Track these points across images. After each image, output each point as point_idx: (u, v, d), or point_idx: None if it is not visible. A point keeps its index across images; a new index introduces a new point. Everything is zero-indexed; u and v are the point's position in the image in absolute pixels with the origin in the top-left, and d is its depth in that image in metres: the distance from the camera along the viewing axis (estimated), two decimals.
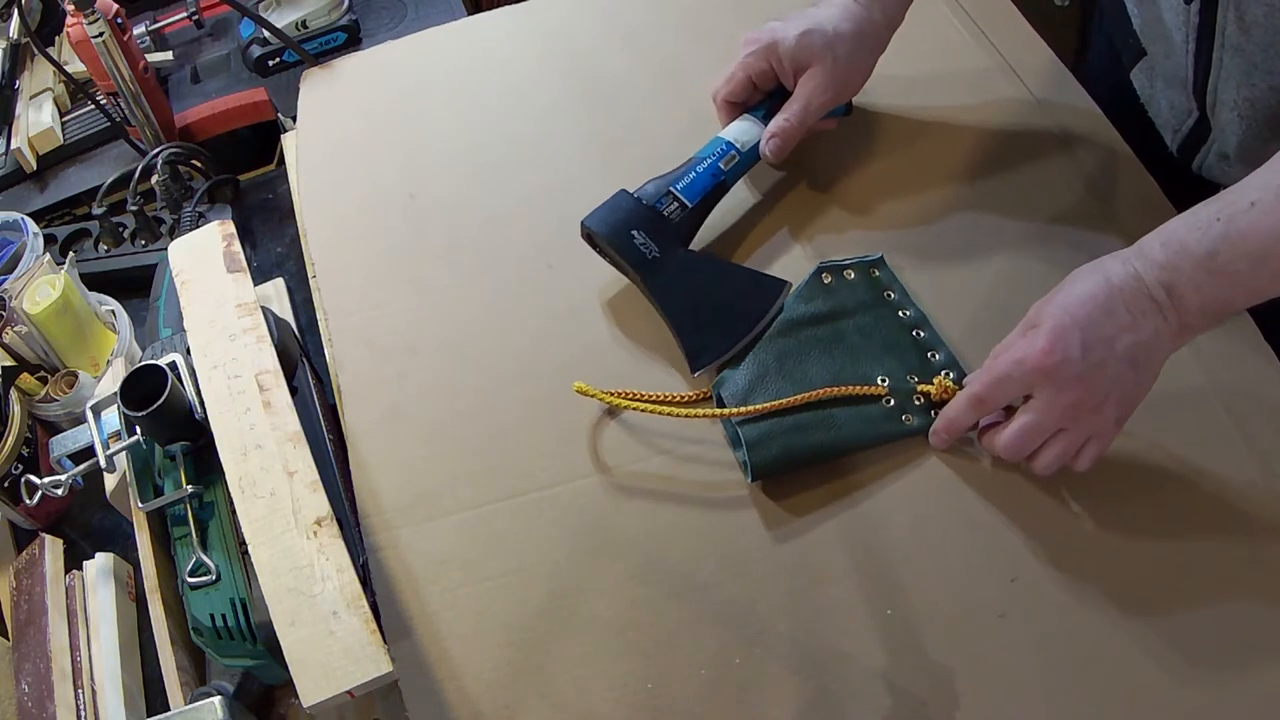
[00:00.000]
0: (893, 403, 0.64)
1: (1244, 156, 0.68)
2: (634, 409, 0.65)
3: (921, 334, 0.67)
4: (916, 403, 0.64)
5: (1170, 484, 0.59)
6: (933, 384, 0.63)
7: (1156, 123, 0.76)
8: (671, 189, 0.70)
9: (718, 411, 0.63)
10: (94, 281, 0.84)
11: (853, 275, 0.70)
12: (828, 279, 0.69)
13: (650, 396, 0.65)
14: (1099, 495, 0.59)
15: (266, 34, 0.98)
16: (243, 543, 0.55)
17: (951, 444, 0.62)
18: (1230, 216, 0.52)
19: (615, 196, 0.70)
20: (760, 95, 0.75)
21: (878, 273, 0.70)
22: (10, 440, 0.71)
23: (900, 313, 0.68)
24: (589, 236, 0.70)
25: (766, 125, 0.72)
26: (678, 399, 0.65)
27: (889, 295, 0.69)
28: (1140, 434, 0.61)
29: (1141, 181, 0.73)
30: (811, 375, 0.65)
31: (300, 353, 0.69)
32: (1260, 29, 0.60)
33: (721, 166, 0.71)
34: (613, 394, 0.65)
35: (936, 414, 0.62)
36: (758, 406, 0.63)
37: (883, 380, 0.65)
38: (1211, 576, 0.56)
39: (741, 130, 0.73)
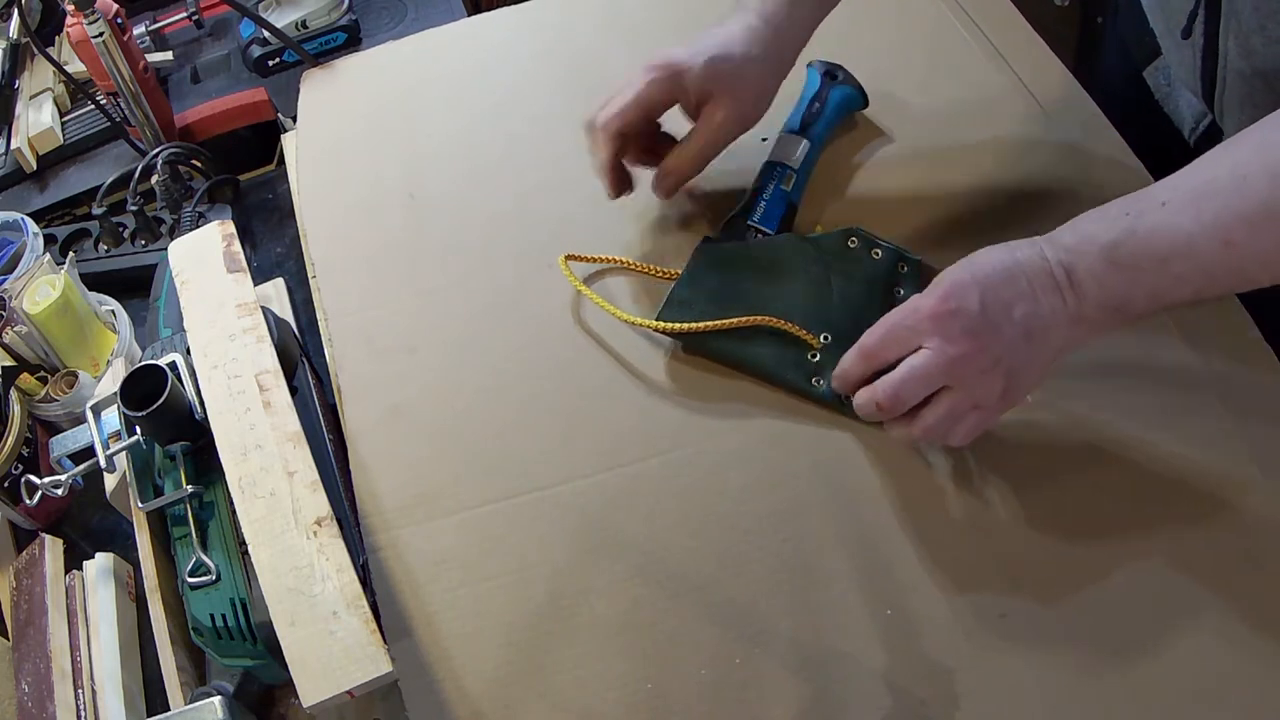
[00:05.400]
0: (817, 359, 0.64)
1: None
2: (617, 264, 0.71)
3: None
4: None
5: (1171, 484, 0.59)
6: None
7: (1174, 119, 0.76)
8: (751, 224, 0.71)
9: (661, 326, 0.66)
10: (94, 281, 0.84)
11: (879, 254, 0.68)
12: (853, 243, 0.68)
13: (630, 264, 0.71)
14: (1099, 495, 0.59)
15: (266, 34, 0.98)
16: (243, 543, 0.55)
17: (846, 393, 0.60)
18: (1140, 212, 0.51)
19: (700, 247, 0.70)
20: (653, 126, 0.70)
21: (905, 269, 0.68)
22: (10, 440, 0.71)
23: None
24: None
25: (804, 138, 0.73)
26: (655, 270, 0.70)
27: (898, 291, 0.67)
28: (1142, 434, 0.61)
29: (1143, 183, 0.72)
30: (770, 297, 0.66)
31: (300, 353, 0.69)
32: (1260, 57, 0.59)
33: (785, 189, 0.72)
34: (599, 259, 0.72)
35: (844, 400, 0.62)
36: (696, 325, 0.65)
37: (825, 338, 0.65)
38: (1211, 576, 0.56)
39: (788, 149, 0.73)
